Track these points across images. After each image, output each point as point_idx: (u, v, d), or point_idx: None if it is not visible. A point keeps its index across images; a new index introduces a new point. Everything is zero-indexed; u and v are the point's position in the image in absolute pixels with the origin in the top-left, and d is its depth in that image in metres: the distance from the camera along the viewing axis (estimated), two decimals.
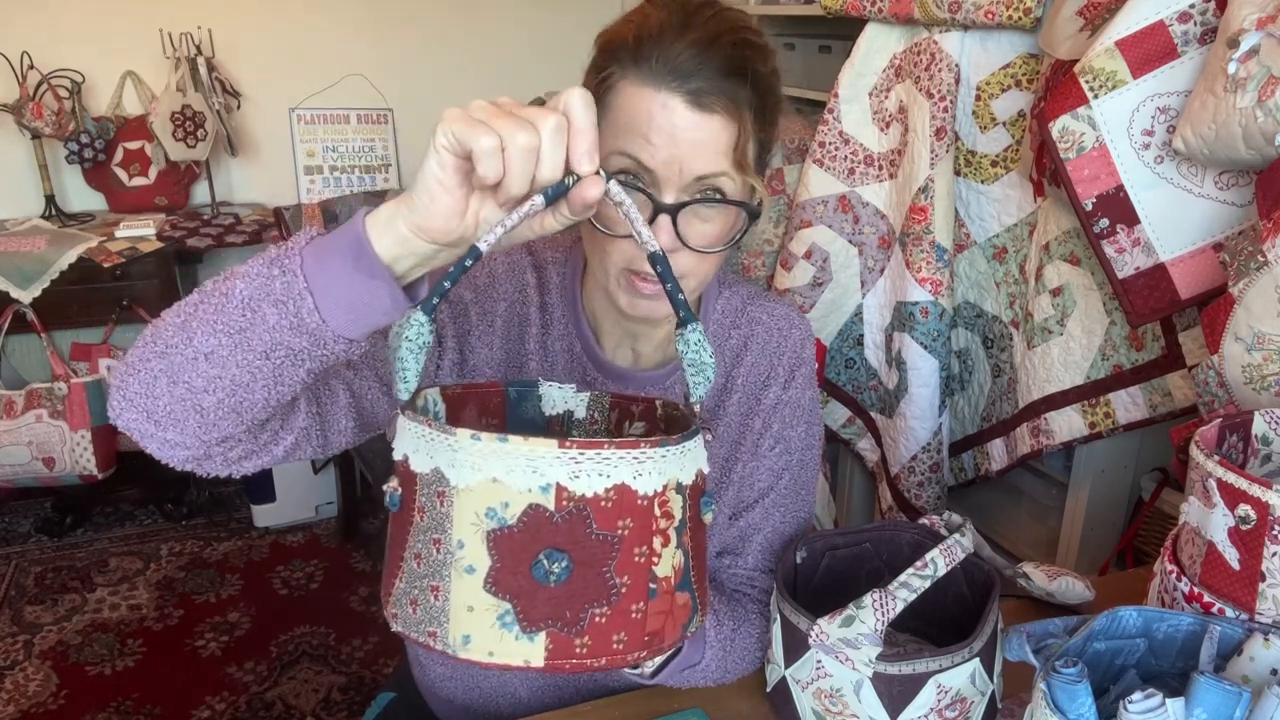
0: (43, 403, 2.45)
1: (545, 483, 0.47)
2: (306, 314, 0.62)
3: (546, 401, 0.68)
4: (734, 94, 0.76)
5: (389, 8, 2.96)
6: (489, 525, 0.48)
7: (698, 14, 0.77)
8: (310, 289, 0.62)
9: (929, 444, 1.85)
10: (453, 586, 0.49)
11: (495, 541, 0.48)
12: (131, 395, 0.67)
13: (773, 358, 0.97)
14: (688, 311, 0.59)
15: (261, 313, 0.63)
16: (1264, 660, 0.68)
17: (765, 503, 0.98)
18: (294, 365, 0.65)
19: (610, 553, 0.48)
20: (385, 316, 0.63)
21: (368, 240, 0.61)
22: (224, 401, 0.66)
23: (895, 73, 1.82)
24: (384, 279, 0.61)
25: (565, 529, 0.47)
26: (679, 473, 0.51)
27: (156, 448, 0.70)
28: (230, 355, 0.64)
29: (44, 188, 2.65)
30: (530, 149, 0.56)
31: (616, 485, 0.47)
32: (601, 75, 0.79)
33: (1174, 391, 1.47)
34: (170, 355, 0.65)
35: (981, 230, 1.76)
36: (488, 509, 0.48)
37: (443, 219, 0.59)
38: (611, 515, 0.48)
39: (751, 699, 0.91)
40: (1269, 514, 0.72)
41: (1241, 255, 1.10)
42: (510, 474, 0.47)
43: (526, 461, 0.47)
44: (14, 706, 2.04)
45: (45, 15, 2.63)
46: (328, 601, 2.42)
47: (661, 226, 0.77)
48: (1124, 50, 1.27)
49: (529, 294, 0.94)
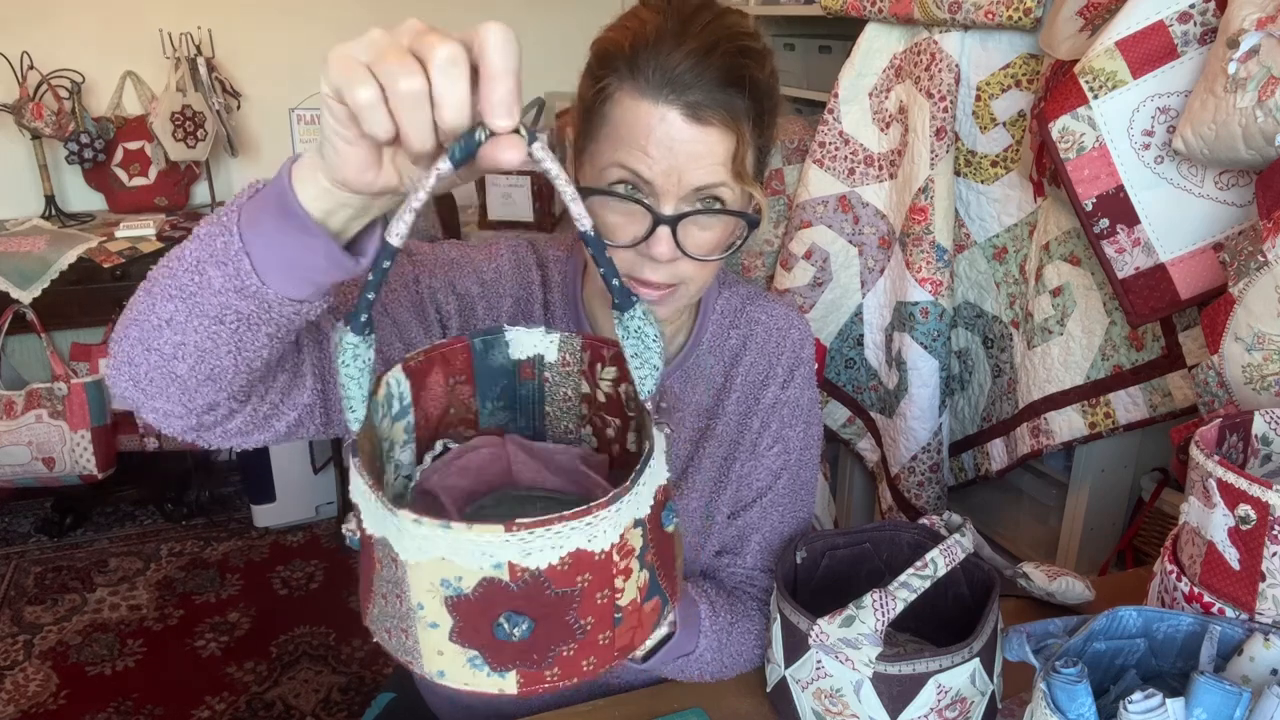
0: (43, 403, 2.45)
1: (496, 562, 0.45)
2: (245, 275, 0.59)
3: (515, 347, 0.64)
4: (731, 105, 0.75)
5: (389, 8, 2.96)
6: (445, 592, 0.47)
7: (694, 20, 0.76)
8: (246, 249, 0.58)
9: (929, 444, 1.85)
10: (420, 635, 0.49)
11: (454, 605, 0.47)
12: (120, 364, 0.66)
13: (772, 357, 0.97)
14: (623, 295, 0.53)
15: (207, 275, 0.60)
16: (1264, 660, 0.68)
17: (764, 502, 0.98)
18: (249, 330, 0.61)
19: (571, 603, 0.47)
20: (327, 275, 0.60)
21: (293, 194, 0.56)
22: (195, 369, 0.63)
23: (895, 73, 1.82)
24: (317, 235, 0.57)
25: (522, 595, 0.46)
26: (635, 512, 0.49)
27: (150, 416, 0.68)
28: (187, 321, 0.61)
29: (44, 188, 2.65)
30: (419, 94, 0.47)
31: (571, 552, 0.46)
32: (599, 85, 0.79)
33: (1174, 391, 1.47)
34: (141, 322, 0.63)
35: (981, 230, 1.76)
36: (442, 579, 0.46)
37: (355, 171, 0.53)
38: (569, 575, 0.46)
39: (751, 699, 0.91)
40: (1269, 514, 0.72)
41: (1241, 255, 1.10)
42: (458, 555, 0.46)
43: (474, 546, 0.45)
44: (14, 706, 2.04)
45: (45, 15, 2.63)
46: (328, 601, 2.42)
47: (660, 237, 0.77)
48: (1124, 50, 1.27)
49: (534, 291, 0.94)
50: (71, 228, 2.57)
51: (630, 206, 0.78)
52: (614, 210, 0.79)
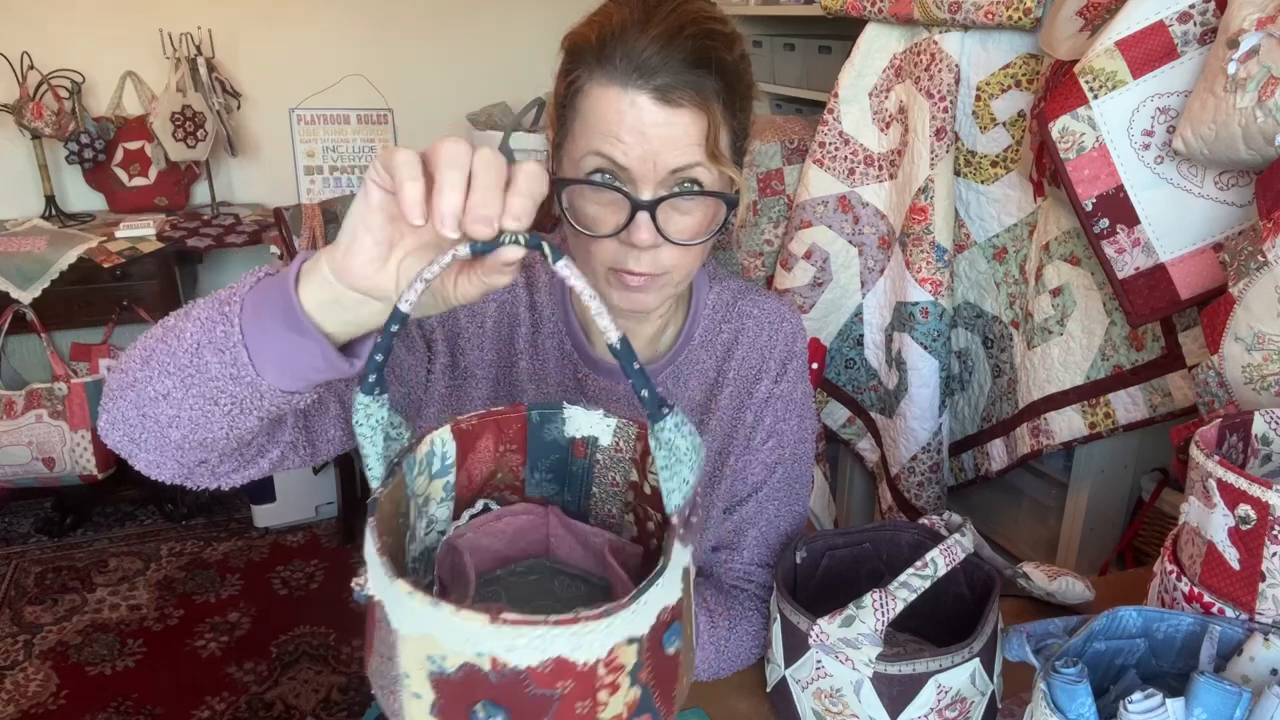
0: (43, 403, 2.45)
1: (479, 650, 0.45)
2: (242, 366, 0.60)
3: (571, 424, 0.64)
4: (700, 86, 0.76)
5: (389, 8, 2.96)
6: (430, 668, 0.47)
7: (659, 8, 0.77)
8: (244, 341, 0.60)
9: (929, 444, 1.85)
10: (404, 703, 0.49)
11: (437, 683, 0.47)
12: (113, 420, 0.68)
13: (764, 351, 0.97)
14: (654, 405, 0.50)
15: (205, 359, 0.61)
16: (1264, 660, 0.68)
17: (759, 496, 0.98)
18: (241, 412, 0.63)
19: (549, 705, 0.46)
20: (321, 374, 0.61)
21: (295, 296, 0.58)
22: (188, 437, 0.65)
23: (895, 73, 1.82)
24: (314, 338, 0.59)
25: (501, 688, 0.45)
26: (630, 630, 0.47)
27: (142, 467, 0.71)
28: (183, 399, 0.63)
29: (44, 188, 2.65)
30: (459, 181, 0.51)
31: (554, 657, 0.45)
32: (569, 79, 0.79)
33: (1174, 391, 1.47)
34: (137, 389, 0.65)
35: (981, 230, 1.76)
36: (428, 655, 0.47)
37: (362, 262, 0.56)
38: (549, 678, 0.45)
39: (751, 699, 0.92)
40: (1269, 514, 0.72)
41: (1241, 255, 1.10)
42: (444, 634, 0.46)
43: (459, 630, 0.45)
44: (14, 706, 2.04)
45: (45, 15, 2.63)
46: (328, 601, 2.42)
47: (640, 224, 0.77)
48: (1124, 50, 1.27)
49: (518, 293, 0.94)
50: (71, 228, 2.57)
51: (609, 195, 0.78)
52: (593, 200, 0.79)
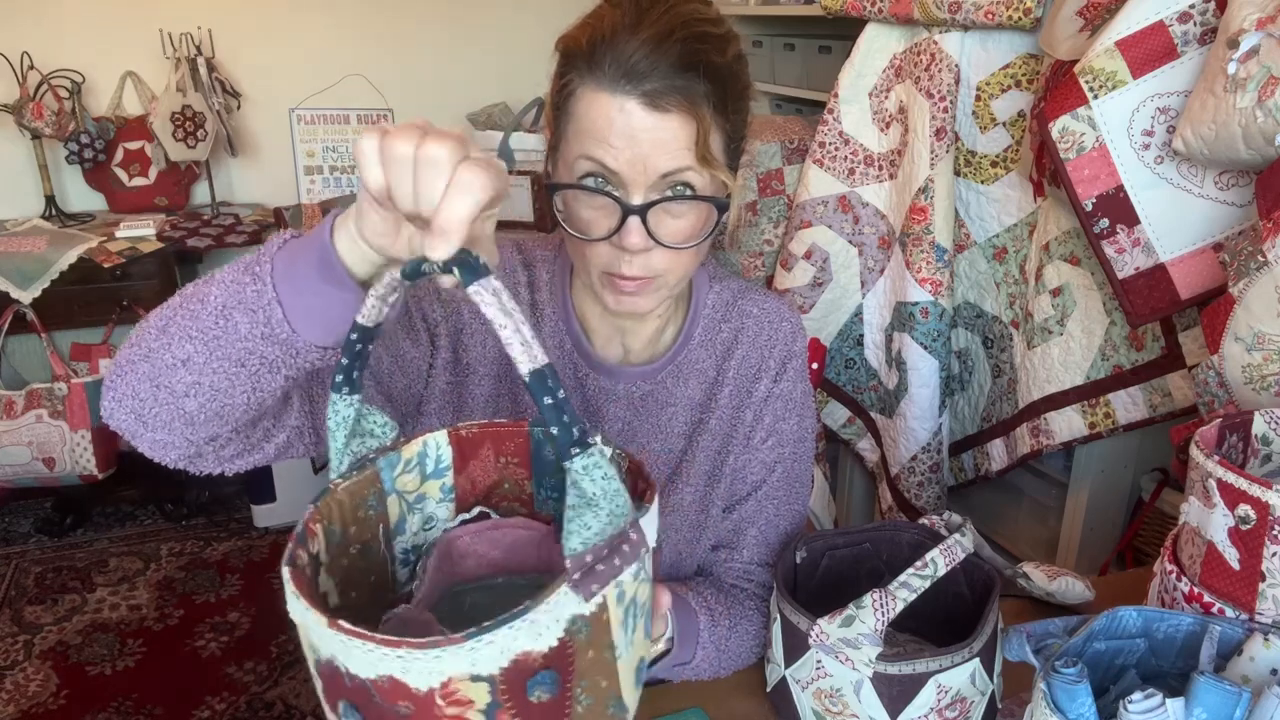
0: (43, 403, 2.45)
1: (331, 651, 0.46)
2: (276, 324, 0.61)
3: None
4: (689, 90, 0.75)
5: (389, 8, 2.96)
6: (313, 656, 0.49)
7: (651, 10, 0.76)
8: (279, 298, 0.61)
9: (929, 444, 1.85)
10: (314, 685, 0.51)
11: (319, 671, 0.49)
12: (120, 397, 0.68)
13: (763, 351, 0.98)
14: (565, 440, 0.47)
15: (234, 320, 0.62)
16: (1264, 660, 0.68)
17: (759, 495, 0.98)
18: (270, 373, 0.64)
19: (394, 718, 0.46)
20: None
21: (333, 248, 0.60)
22: (206, 406, 0.66)
23: (895, 73, 1.82)
24: (351, 289, 0.61)
25: (354, 691, 0.46)
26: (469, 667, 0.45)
27: (147, 448, 0.70)
28: (207, 362, 0.63)
29: (44, 188, 2.65)
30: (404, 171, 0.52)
31: (386, 675, 0.45)
32: (562, 82, 0.79)
33: (1174, 391, 1.47)
34: (152, 359, 0.65)
35: (981, 230, 1.76)
36: (309, 642, 0.48)
37: (374, 233, 0.58)
38: (390, 695, 0.45)
39: (751, 699, 0.91)
40: (1269, 514, 0.72)
41: (1241, 255, 1.10)
42: (308, 628, 0.47)
43: (313, 626, 0.46)
44: (14, 706, 2.04)
45: (45, 15, 2.63)
46: None
47: (631, 228, 0.77)
48: (1124, 50, 1.27)
49: (519, 292, 0.94)
50: (71, 228, 2.57)
51: (600, 200, 0.78)
52: (586, 205, 0.80)
